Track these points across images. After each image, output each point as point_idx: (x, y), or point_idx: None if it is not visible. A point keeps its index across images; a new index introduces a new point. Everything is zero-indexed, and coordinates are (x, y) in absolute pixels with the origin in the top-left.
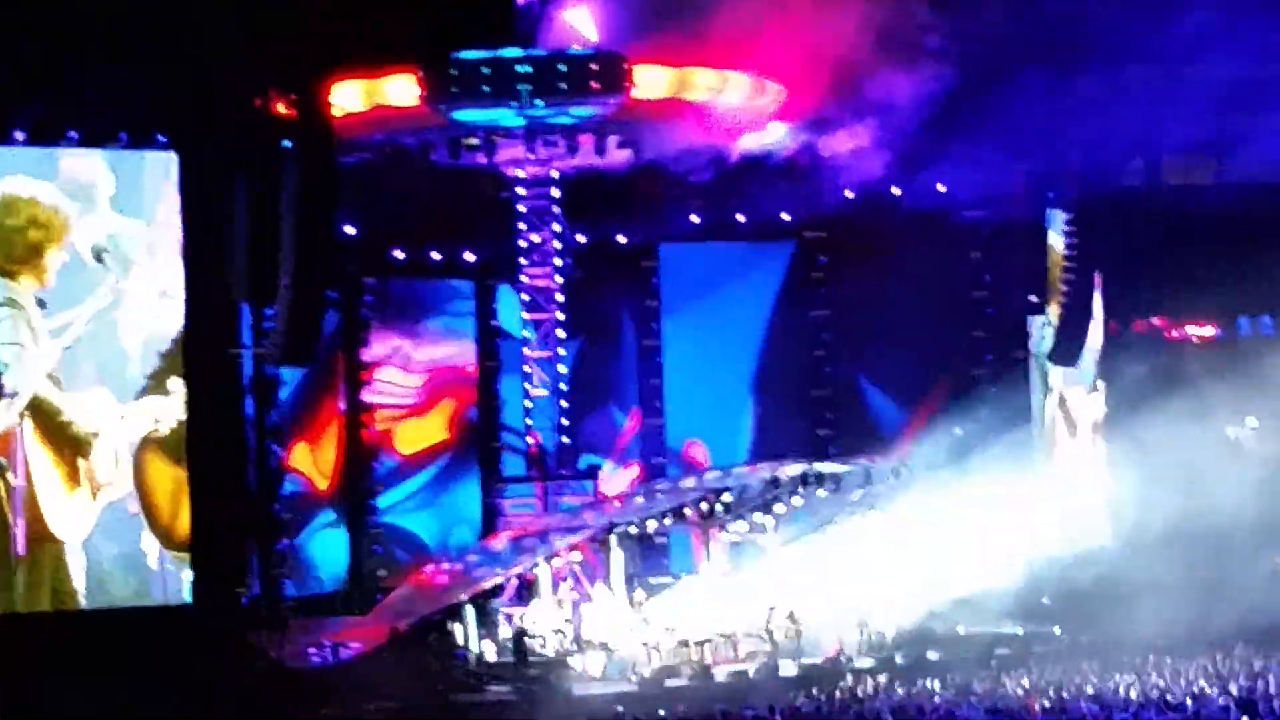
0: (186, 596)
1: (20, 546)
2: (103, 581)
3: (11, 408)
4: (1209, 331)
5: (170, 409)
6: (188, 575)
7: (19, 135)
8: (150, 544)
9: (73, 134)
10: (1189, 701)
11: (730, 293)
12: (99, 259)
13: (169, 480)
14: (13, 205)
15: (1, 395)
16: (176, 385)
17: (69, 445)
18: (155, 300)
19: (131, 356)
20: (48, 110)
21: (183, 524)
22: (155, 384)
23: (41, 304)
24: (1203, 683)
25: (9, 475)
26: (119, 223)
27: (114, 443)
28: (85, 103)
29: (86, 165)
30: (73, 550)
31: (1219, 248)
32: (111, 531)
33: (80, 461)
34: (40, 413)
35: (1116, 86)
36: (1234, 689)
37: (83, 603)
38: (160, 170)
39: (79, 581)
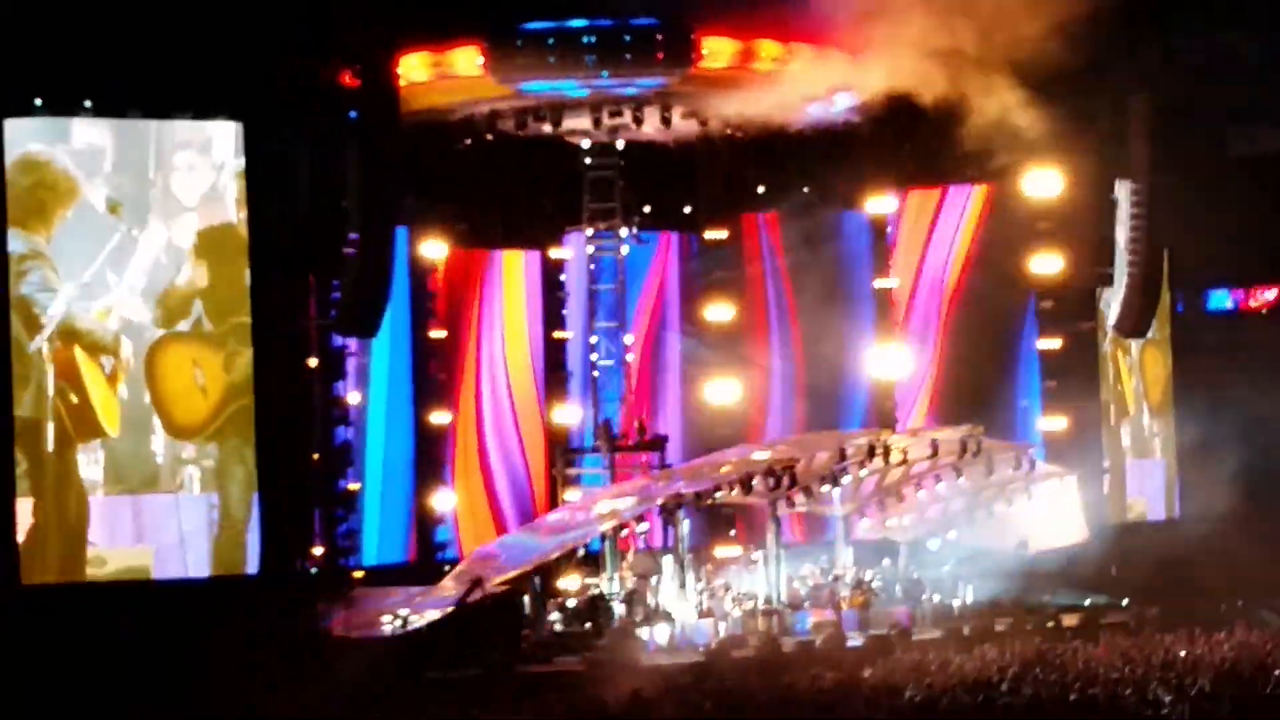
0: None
1: None
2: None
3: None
4: (1271, 295)
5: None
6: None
7: (87, 104)
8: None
9: (138, 104)
10: (1258, 674)
11: (798, 260)
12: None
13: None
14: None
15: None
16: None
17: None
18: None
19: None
20: (112, 82)
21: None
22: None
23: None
24: (1270, 649)
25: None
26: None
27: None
28: (150, 74)
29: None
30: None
31: None
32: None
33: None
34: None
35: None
36: None
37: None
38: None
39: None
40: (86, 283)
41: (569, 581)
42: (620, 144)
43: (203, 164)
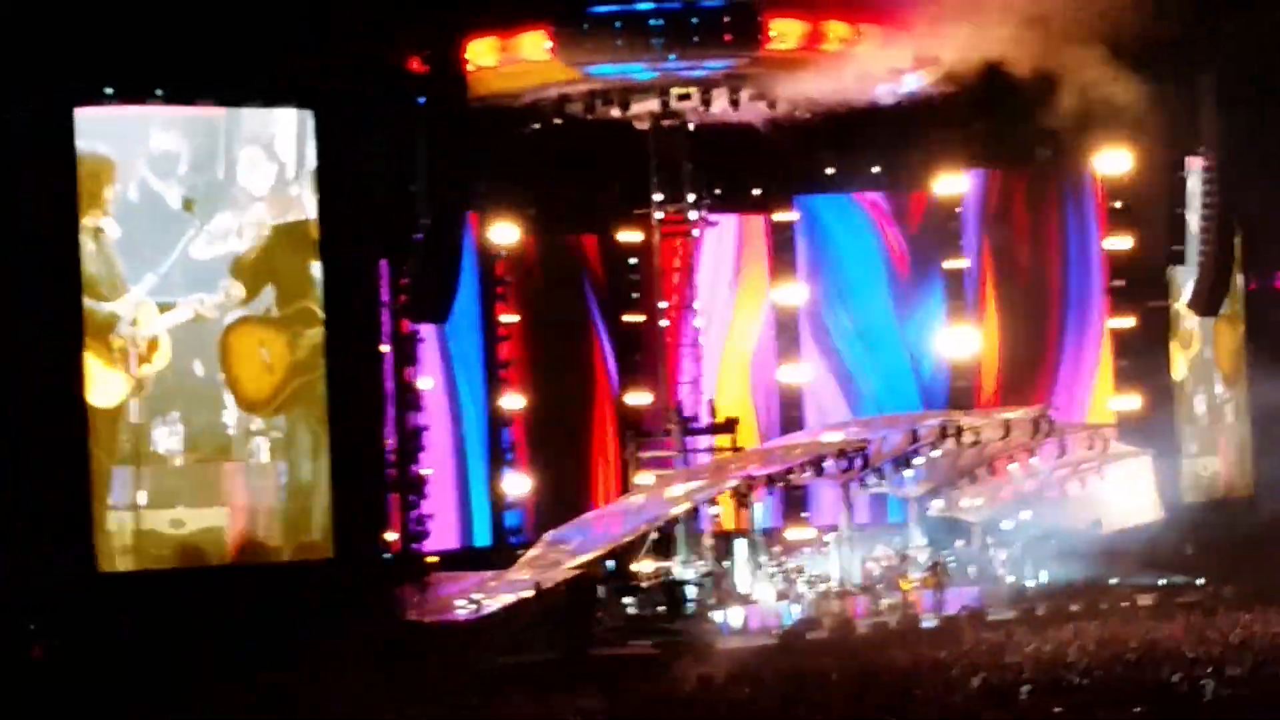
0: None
1: None
2: None
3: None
4: None
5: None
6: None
7: (159, 92)
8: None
9: (209, 92)
10: None
11: (866, 244)
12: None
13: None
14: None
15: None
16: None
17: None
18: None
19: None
20: (183, 71)
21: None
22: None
23: None
24: None
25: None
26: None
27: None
28: (220, 63)
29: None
30: None
31: None
32: None
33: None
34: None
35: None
36: None
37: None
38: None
39: None
40: (164, 272)
41: (642, 565)
42: (689, 126)
43: (272, 154)
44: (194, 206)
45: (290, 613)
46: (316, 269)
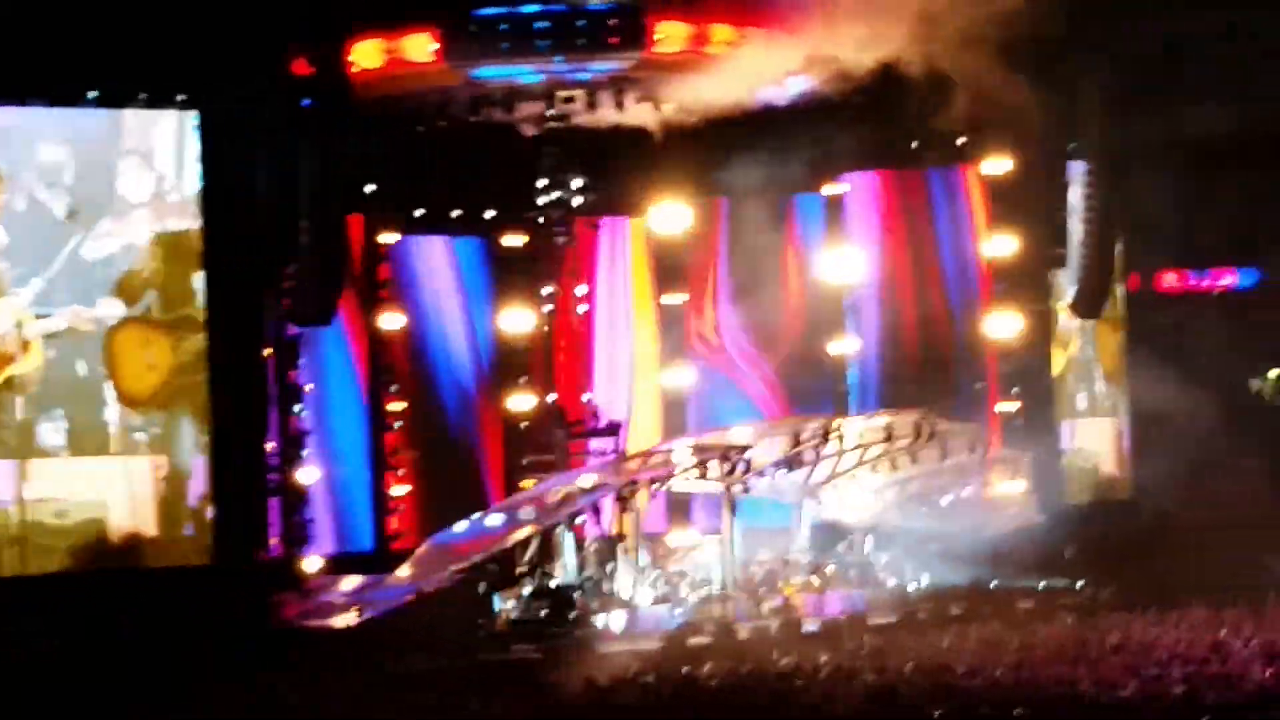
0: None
1: None
2: None
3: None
4: (1229, 281)
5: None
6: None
7: (37, 95)
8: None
9: (91, 93)
10: (1212, 654)
11: (753, 245)
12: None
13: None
14: None
15: None
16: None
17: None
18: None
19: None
20: (65, 71)
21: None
22: None
23: None
24: (1224, 633)
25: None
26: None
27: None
28: (103, 62)
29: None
30: None
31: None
32: None
33: None
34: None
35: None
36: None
37: None
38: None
39: None
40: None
41: (525, 569)
42: (575, 130)
43: (154, 159)
44: (77, 215)
45: (167, 618)
46: (199, 274)
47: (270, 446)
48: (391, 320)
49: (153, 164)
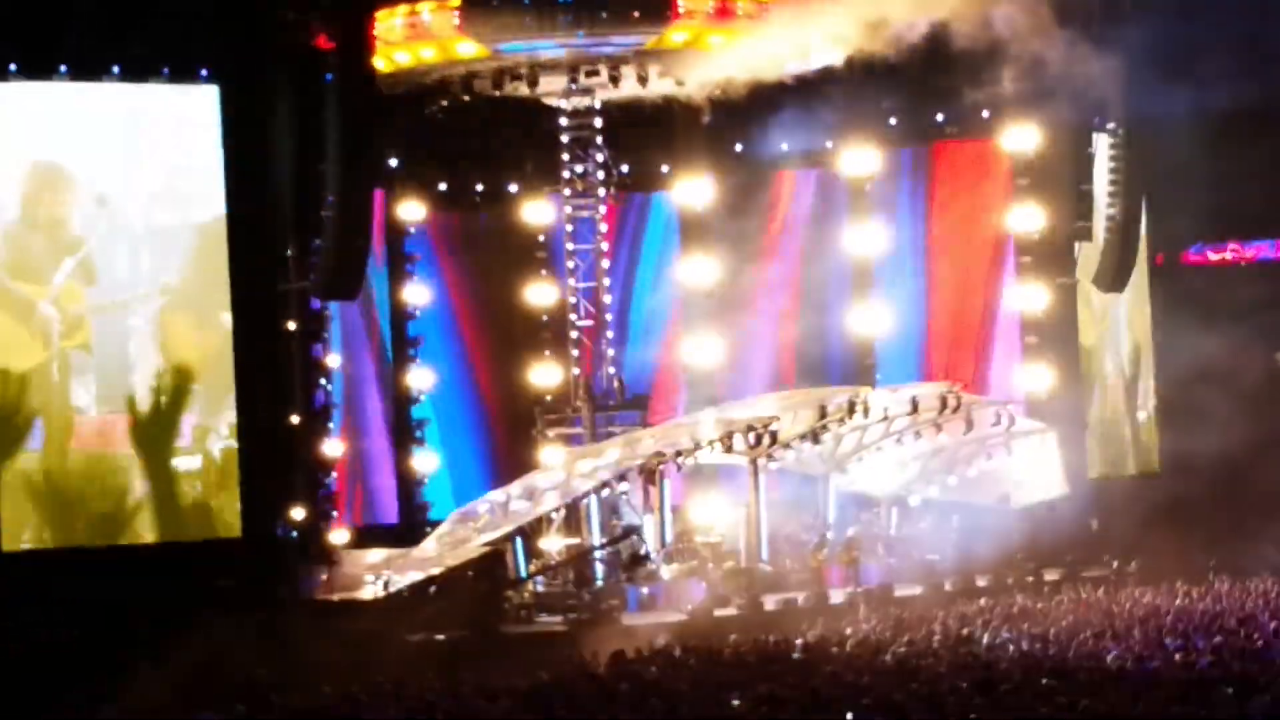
0: None
1: None
2: None
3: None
4: (1253, 254)
5: None
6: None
7: (62, 69)
8: None
9: (115, 68)
10: (1240, 627)
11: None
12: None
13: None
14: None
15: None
16: None
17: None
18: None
19: None
20: (90, 44)
21: None
22: None
23: None
24: (1250, 606)
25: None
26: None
27: None
28: (126, 37)
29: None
30: None
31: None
32: None
33: None
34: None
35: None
36: None
37: None
38: None
39: None
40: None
41: (551, 542)
42: (598, 104)
43: (179, 135)
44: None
45: (198, 591)
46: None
47: (296, 420)
48: (416, 294)
49: (178, 138)
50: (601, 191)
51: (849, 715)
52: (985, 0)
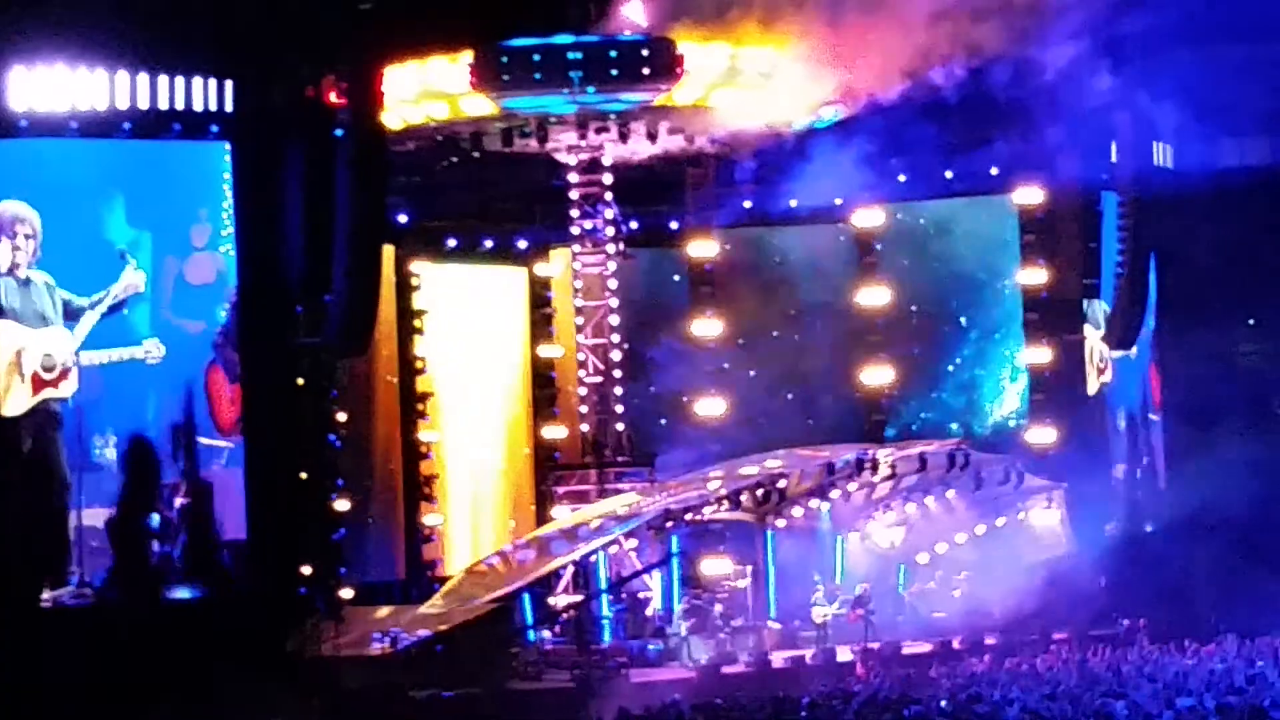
0: None
1: None
2: None
3: None
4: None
5: None
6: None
7: (73, 125)
8: None
9: (126, 125)
10: (1248, 684)
11: (783, 276)
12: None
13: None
14: None
15: None
16: None
17: None
18: None
19: None
20: (99, 103)
21: None
22: None
23: None
24: (1260, 664)
25: None
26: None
27: None
28: (136, 95)
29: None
30: None
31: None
32: None
33: None
34: None
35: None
36: None
37: None
38: None
39: None
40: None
41: (559, 598)
42: (607, 160)
43: (192, 186)
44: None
45: (205, 646)
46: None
47: (304, 474)
48: (424, 349)
49: (191, 195)
50: (611, 247)
51: None
52: (993, 57)
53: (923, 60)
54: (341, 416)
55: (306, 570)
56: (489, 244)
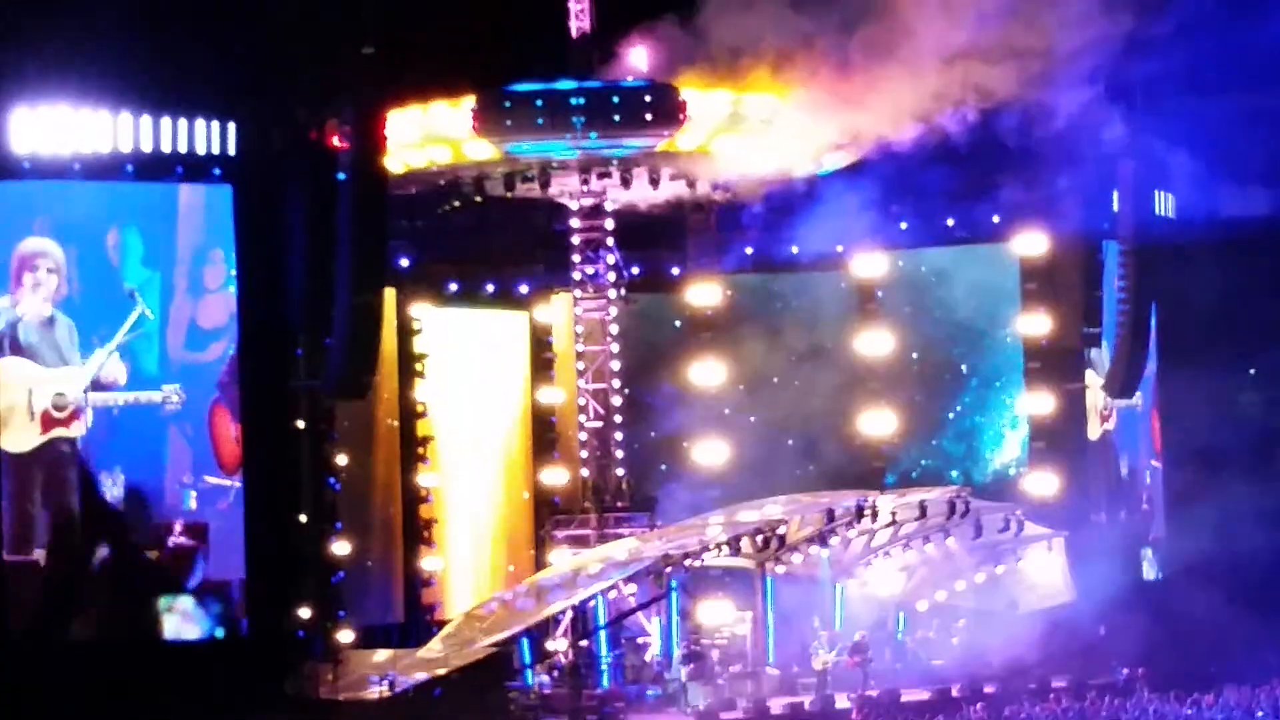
0: None
1: None
2: None
3: None
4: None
5: None
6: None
7: (76, 167)
8: None
9: (129, 168)
10: None
11: (785, 322)
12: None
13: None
14: None
15: None
16: None
17: None
18: None
19: None
20: (104, 145)
21: None
22: None
23: None
24: (1260, 714)
25: None
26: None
27: None
28: (141, 136)
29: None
30: None
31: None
32: None
33: None
34: None
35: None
36: None
37: None
38: None
39: None
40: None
41: (557, 643)
42: (609, 205)
43: (194, 229)
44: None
45: (204, 688)
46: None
47: (304, 518)
48: (425, 392)
49: (191, 236)
50: (612, 292)
51: None
52: (995, 105)
53: (927, 107)
54: (341, 459)
55: (305, 613)
56: (490, 288)
